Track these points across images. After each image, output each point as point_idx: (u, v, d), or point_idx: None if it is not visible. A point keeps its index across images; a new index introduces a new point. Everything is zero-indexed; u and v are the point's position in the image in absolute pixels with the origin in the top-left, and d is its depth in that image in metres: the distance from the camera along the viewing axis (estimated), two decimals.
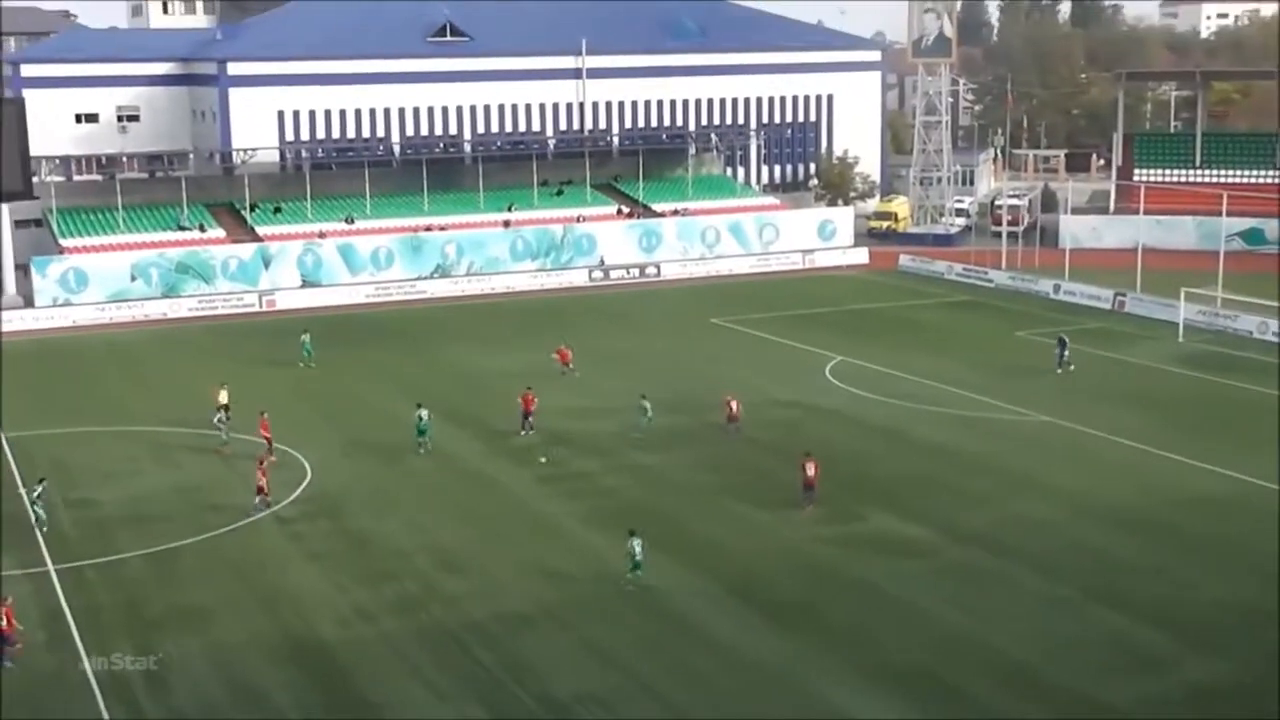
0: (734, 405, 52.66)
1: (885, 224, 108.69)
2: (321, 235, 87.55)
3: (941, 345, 69.80)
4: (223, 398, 52.86)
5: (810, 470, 43.93)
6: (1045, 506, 44.13)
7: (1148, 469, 48.30)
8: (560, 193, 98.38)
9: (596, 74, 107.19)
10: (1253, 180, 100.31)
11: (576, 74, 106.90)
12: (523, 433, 52.73)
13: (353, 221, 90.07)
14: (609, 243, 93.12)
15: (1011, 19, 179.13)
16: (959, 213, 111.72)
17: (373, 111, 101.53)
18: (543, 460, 42.24)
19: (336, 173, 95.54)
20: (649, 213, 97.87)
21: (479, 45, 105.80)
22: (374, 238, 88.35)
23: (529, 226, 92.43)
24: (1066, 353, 63.82)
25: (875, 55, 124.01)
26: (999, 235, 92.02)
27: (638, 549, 37.46)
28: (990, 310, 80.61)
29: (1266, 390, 59.59)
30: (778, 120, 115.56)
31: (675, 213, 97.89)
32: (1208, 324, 71.67)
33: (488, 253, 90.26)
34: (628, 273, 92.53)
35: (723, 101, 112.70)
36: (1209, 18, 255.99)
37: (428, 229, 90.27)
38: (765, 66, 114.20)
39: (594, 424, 54.43)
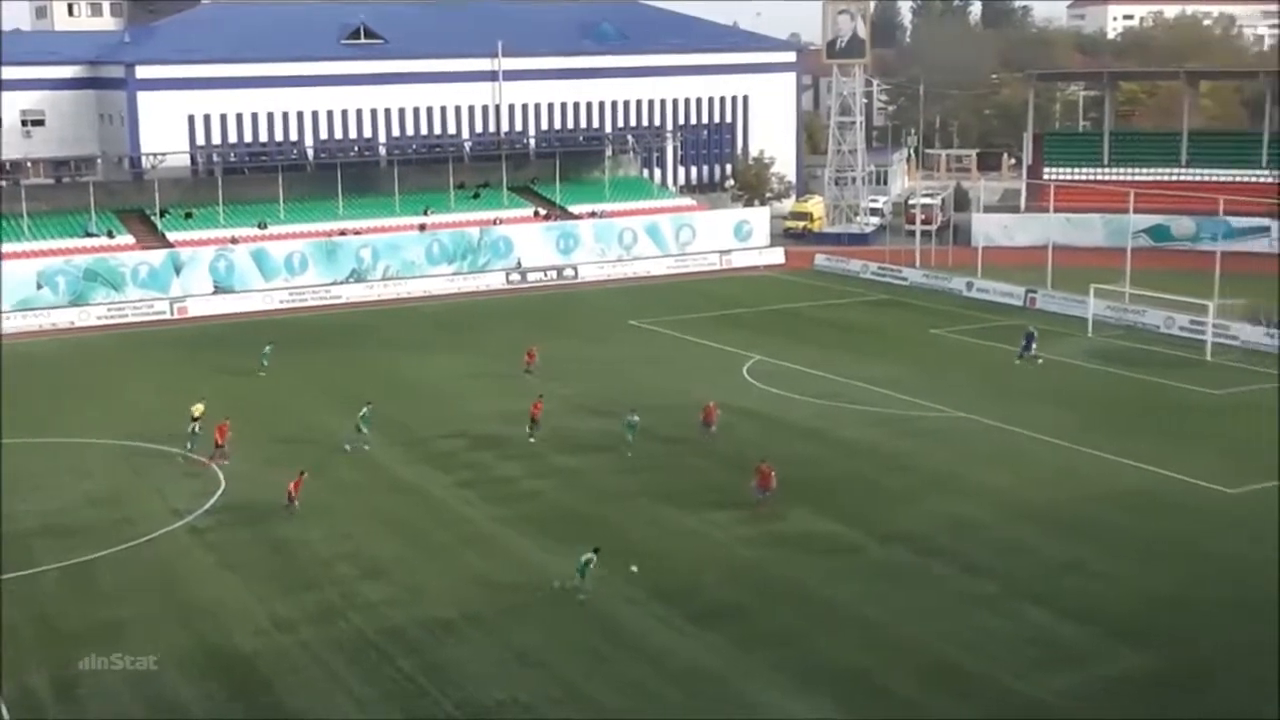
0: (713, 409, 52.26)
1: (801, 224, 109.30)
2: (234, 241, 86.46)
3: (858, 344, 70.28)
4: (197, 410, 51.97)
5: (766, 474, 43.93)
6: (968, 503, 44.48)
7: (1068, 464, 48.84)
8: (477, 195, 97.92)
9: (513, 76, 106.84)
10: (1159, 178, 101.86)
11: (493, 76, 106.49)
12: (531, 439, 52.22)
13: (266, 227, 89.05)
14: (526, 245, 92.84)
15: (924, 20, 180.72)
16: (873, 212, 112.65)
17: (286, 115, 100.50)
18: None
19: (249, 177, 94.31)
20: (566, 215, 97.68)
21: (394, 48, 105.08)
22: (288, 243, 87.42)
23: (445, 230, 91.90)
24: (1034, 346, 64.82)
25: (790, 57, 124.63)
26: (913, 234, 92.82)
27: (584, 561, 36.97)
28: (905, 308, 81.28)
29: (1176, 384, 60.62)
30: (694, 122, 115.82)
31: (592, 215, 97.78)
32: (1116, 319, 72.72)
33: (404, 256, 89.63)
34: (545, 275, 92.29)
35: (639, 103, 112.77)
36: (1115, 19, 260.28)
37: (342, 233, 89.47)
38: (681, 68, 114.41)
39: (516, 428, 54.13)
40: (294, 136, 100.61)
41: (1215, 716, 30.22)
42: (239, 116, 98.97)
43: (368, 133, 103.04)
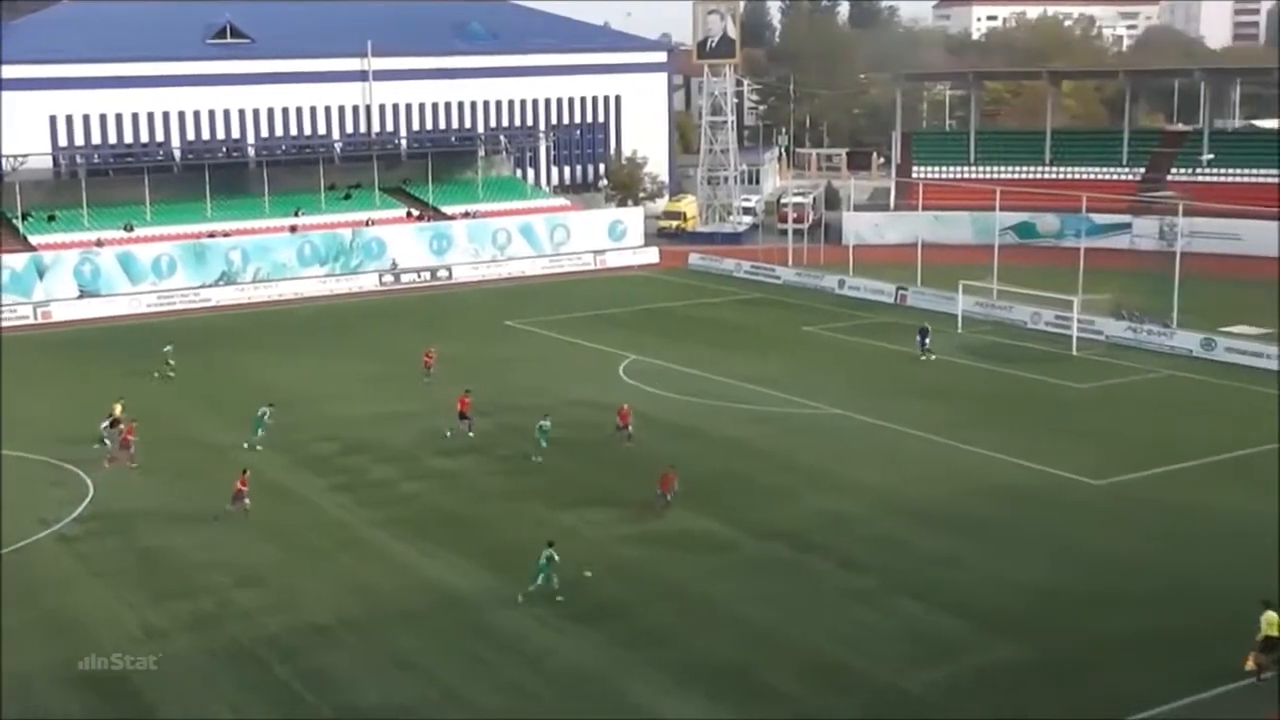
0: (627, 411, 51.59)
1: (674, 223, 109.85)
2: (99, 244, 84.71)
3: (733, 342, 70.79)
4: (117, 410, 51.34)
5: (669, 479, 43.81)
6: (844, 499, 44.99)
7: (941, 459, 49.58)
8: (348, 196, 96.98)
9: (383, 76, 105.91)
10: (1024, 176, 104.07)
11: (363, 76, 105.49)
12: (464, 434, 52.08)
13: (132, 229, 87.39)
14: (399, 246, 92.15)
15: (793, 21, 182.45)
16: (746, 211, 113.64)
17: (151, 115, 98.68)
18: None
19: (114, 179, 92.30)
20: (439, 215, 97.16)
21: (261, 47, 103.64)
22: (155, 245, 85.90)
23: (317, 231, 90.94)
24: (929, 340, 65.83)
25: (661, 57, 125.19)
26: (785, 233, 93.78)
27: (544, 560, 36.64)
28: (779, 306, 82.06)
29: (1043, 379, 61.93)
30: (566, 122, 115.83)
31: (466, 215, 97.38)
32: (985, 315, 74.09)
33: (274, 258, 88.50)
34: (419, 276, 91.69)
35: (511, 103, 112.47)
36: (979, 20, 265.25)
37: (211, 235, 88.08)
38: (553, 68, 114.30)
39: (391, 430, 53.75)
40: (160, 137, 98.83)
41: (1086, 704, 30.88)
42: (103, 117, 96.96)
43: (236, 133, 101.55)
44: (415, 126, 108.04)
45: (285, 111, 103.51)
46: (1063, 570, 38.74)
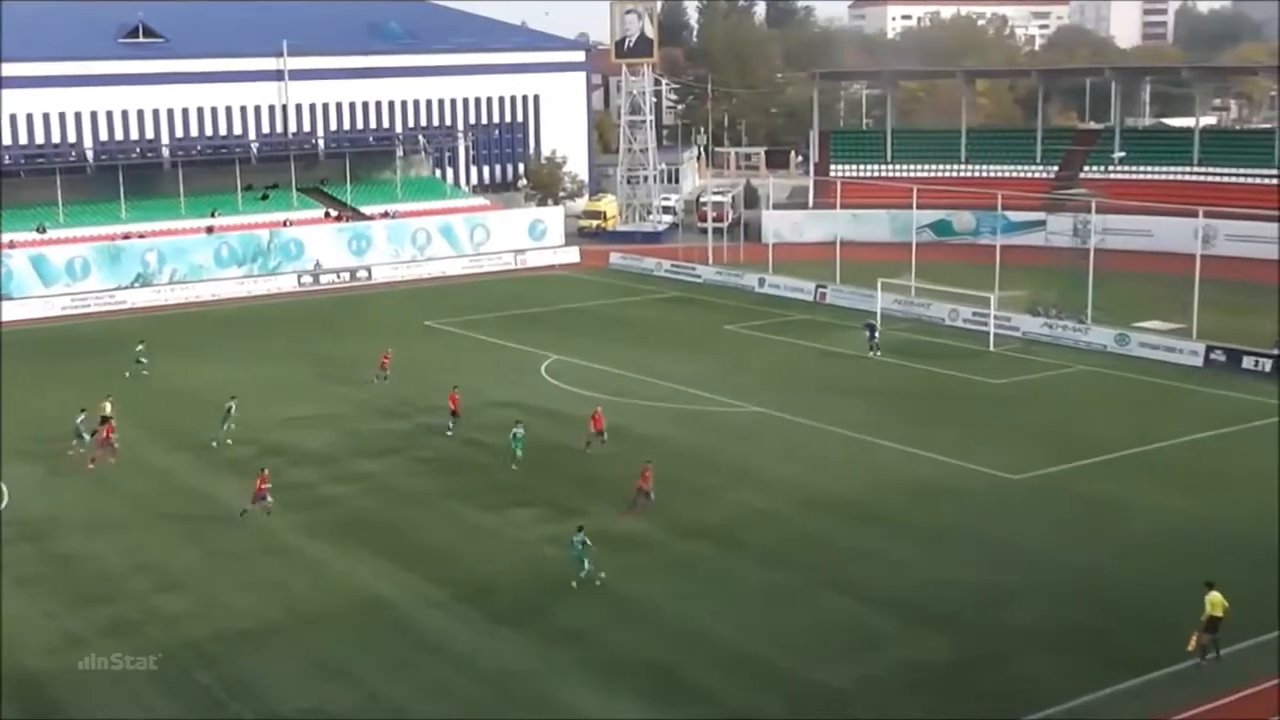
0: (600, 416, 50.93)
1: (595, 223, 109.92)
2: (11, 245, 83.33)
3: (654, 341, 70.95)
4: (107, 408, 51.51)
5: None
6: (767, 497, 45.23)
7: (861, 456, 49.99)
8: (265, 197, 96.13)
9: (299, 76, 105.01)
10: (939, 174, 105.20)
11: (278, 76, 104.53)
12: (449, 432, 52.32)
13: (45, 231, 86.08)
14: (318, 247, 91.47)
15: (710, 20, 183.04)
16: (666, 210, 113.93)
17: (64, 116, 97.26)
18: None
19: (25, 180, 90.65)
20: (358, 216, 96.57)
21: (174, 47, 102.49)
22: (69, 247, 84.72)
23: (234, 232, 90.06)
24: (876, 337, 66.66)
25: (579, 56, 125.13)
26: (705, 232, 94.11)
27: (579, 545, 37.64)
28: (700, 305, 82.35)
29: (962, 375, 62.64)
30: (485, 121, 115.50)
31: (385, 215, 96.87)
32: (904, 312, 74.77)
33: (191, 260, 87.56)
34: (338, 277, 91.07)
35: (430, 103, 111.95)
36: (894, 19, 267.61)
37: (126, 237, 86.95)
38: (472, 68, 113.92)
39: (311, 432, 53.38)
40: (73, 138, 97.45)
41: (1003, 696, 31.29)
42: (13, 118, 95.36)
43: (150, 134, 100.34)
44: (333, 126, 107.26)
45: (200, 111, 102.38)
46: (981, 564, 39.22)
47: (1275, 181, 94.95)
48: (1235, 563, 38.59)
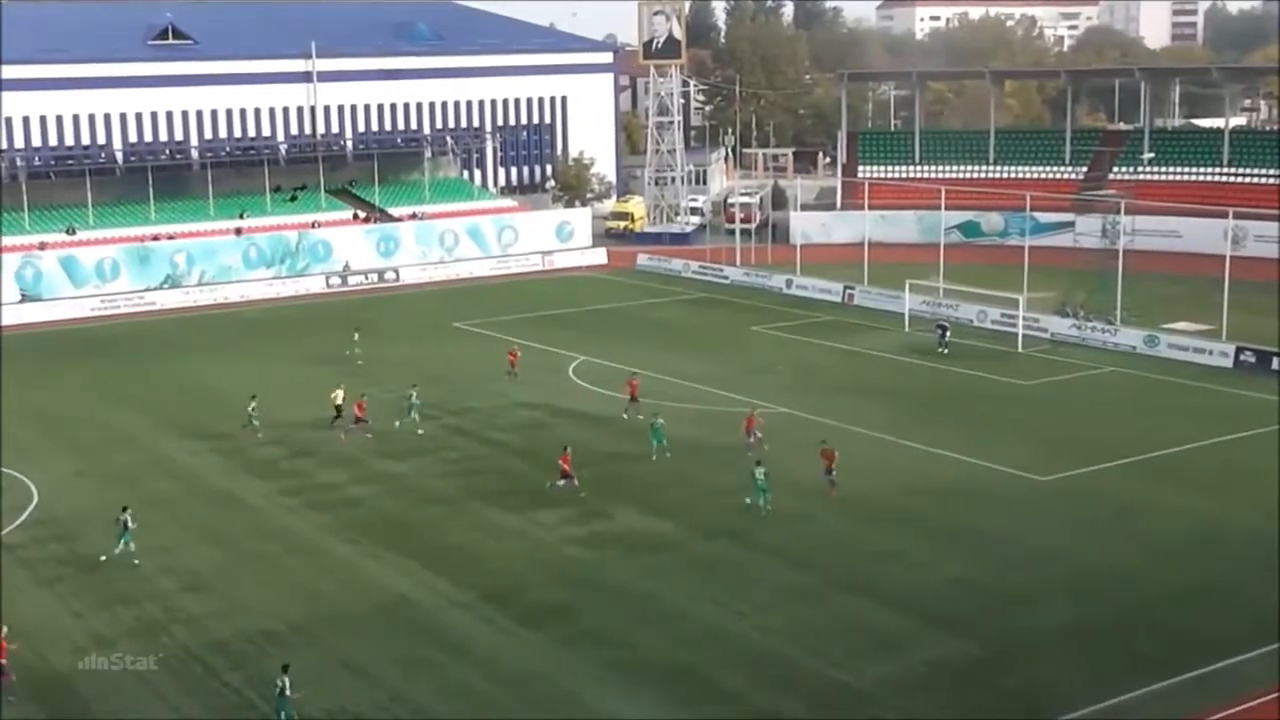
0: (753, 418, 51.12)
1: (622, 224, 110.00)
2: (41, 247, 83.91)
3: (682, 342, 70.93)
4: (338, 397, 53.71)
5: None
6: (790, 498, 45.06)
7: (887, 457, 49.85)
8: (294, 198, 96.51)
9: (328, 77, 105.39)
10: (968, 175, 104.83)
11: (307, 77, 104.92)
12: (625, 415, 54.05)
13: (74, 232, 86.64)
14: (346, 248, 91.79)
15: (738, 21, 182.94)
16: (693, 211, 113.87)
17: (93, 117, 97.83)
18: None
19: (56, 182, 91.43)
20: (386, 217, 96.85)
21: (204, 49, 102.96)
22: (98, 248, 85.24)
23: (262, 234, 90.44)
24: (947, 336, 67.20)
25: (607, 57, 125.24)
26: (732, 233, 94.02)
27: (761, 476, 43.04)
28: (727, 306, 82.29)
29: (990, 376, 62.42)
30: (513, 122, 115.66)
31: (413, 216, 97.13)
32: (931, 313, 74.49)
33: (220, 261, 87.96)
34: (366, 278, 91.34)
35: (457, 104, 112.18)
36: (922, 20, 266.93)
37: (155, 238, 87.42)
38: (499, 69, 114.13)
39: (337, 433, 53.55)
40: (102, 139, 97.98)
41: (1026, 696, 31.20)
42: (43, 119, 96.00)
43: (179, 135, 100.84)
44: (360, 128, 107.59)
45: (229, 113, 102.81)
46: (1005, 565, 39.09)
47: None
48: (1262, 566, 38.41)
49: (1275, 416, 54.37)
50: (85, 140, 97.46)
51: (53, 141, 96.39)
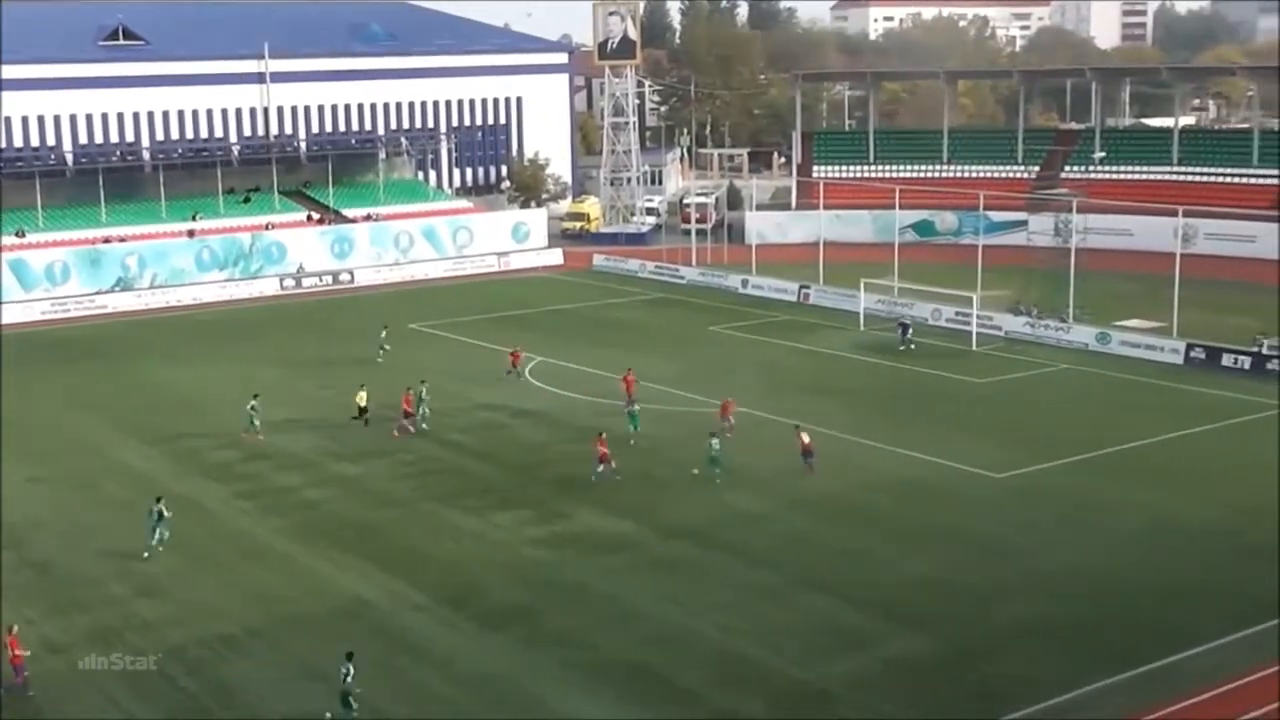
0: (732, 406, 53.07)
1: (578, 225, 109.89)
2: None
3: (639, 342, 70.86)
4: (361, 399, 53.85)
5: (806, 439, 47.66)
6: (750, 497, 45.19)
7: (844, 455, 49.89)
8: (247, 200, 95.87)
9: (281, 78, 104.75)
10: (922, 175, 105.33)
11: (260, 78, 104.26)
12: (627, 410, 53.71)
13: (24, 235, 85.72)
14: (300, 250, 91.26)
15: (693, 21, 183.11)
16: (649, 212, 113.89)
17: (42, 119, 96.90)
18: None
19: (5, 184, 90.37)
20: (340, 219, 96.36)
21: (155, 49, 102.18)
22: (48, 251, 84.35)
23: (215, 236, 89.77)
24: (910, 333, 67.59)
25: (562, 58, 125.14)
26: (688, 233, 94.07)
27: (715, 446, 45.03)
28: (684, 306, 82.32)
29: (945, 374, 62.68)
30: (468, 123, 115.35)
31: (368, 218, 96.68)
32: (887, 312, 74.74)
33: (172, 264, 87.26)
34: (321, 280, 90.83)
35: (412, 105, 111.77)
36: (876, 21, 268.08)
37: (106, 241, 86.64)
38: (454, 70, 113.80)
39: (295, 436, 53.20)
40: (52, 141, 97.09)
41: (988, 692, 31.32)
42: None
43: (130, 136, 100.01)
44: (315, 129, 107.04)
45: (181, 114, 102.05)
46: (965, 562, 39.27)
47: (1253, 181, 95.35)
48: (1217, 559, 38.79)
49: (1226, 412, 54.96)
50: (35, 142, 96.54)
51: (1, 143, 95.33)
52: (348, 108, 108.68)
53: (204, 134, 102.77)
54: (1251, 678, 31.48)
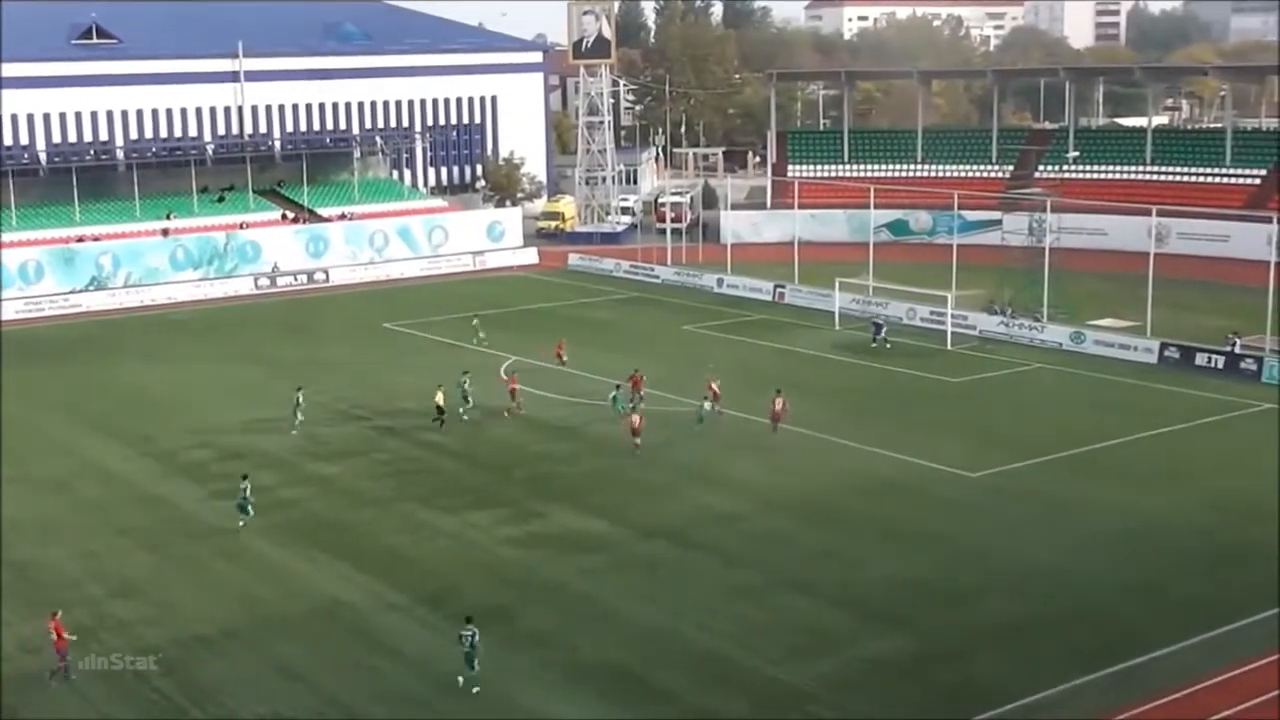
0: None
1: (553, 224, 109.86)
2: None
3: (614, 342, 70.89)
4: (439, 399, 53.54)
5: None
6: (726, 497, 45.27)
7: (821, 455, 50.05)
8: (222, 199, 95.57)
9: (255, 77, 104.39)
10: (896, 174, 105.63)
11: (234, 77, 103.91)
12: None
13: None
14: (275, 249, 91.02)
15: (668, 21, 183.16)
16: (624, 211, 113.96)
17: (15, 118, 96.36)
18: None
19: None
20: (315, 218, 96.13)
21: (129, 48, 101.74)
22: (21, 250, 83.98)
23: (190, 235, 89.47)
24: (883, 332, 68.01)
25: (537, 57, 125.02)
26: (663, 232, 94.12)
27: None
28: (658, 305, 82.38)
29: (920, 374, 62.87)
30: (443, 122, 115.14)
31: (342, 217, 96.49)
32: (861, 312, 74.91)
33: (146, 263, 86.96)
34: (295, 279, 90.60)
35: (387, 104, 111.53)
36: (850, 20, 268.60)
37: (80, 240, 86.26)
38: (429, 69, 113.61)
39: (269, 436, 53.08)
40: (25, 140, 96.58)
41: (963, 692, 31.46)
42: None
43: (104, 135, 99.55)
44: (289, 128, 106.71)
45: (155, 113, 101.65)
46: (940, 562, 39.41)
47: (1227, 181, 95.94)
48: (1192, 558, 39.03)
49: (1200, 411, 55.29)
50: (8, 140, 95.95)
51: None
52: (322, 107, 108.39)
53: (178, 133, 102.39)
54: (1215, 680, 31.63)
